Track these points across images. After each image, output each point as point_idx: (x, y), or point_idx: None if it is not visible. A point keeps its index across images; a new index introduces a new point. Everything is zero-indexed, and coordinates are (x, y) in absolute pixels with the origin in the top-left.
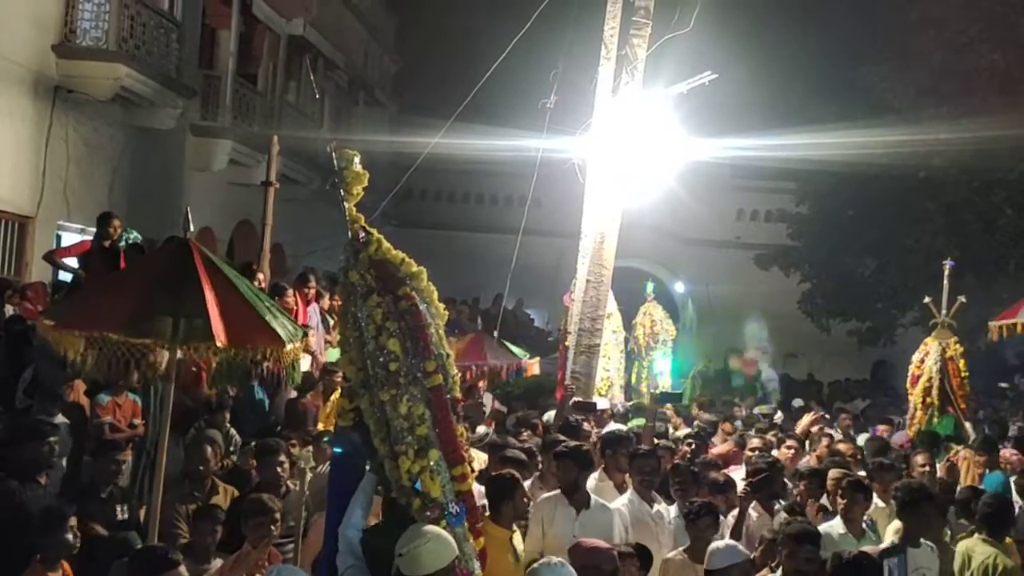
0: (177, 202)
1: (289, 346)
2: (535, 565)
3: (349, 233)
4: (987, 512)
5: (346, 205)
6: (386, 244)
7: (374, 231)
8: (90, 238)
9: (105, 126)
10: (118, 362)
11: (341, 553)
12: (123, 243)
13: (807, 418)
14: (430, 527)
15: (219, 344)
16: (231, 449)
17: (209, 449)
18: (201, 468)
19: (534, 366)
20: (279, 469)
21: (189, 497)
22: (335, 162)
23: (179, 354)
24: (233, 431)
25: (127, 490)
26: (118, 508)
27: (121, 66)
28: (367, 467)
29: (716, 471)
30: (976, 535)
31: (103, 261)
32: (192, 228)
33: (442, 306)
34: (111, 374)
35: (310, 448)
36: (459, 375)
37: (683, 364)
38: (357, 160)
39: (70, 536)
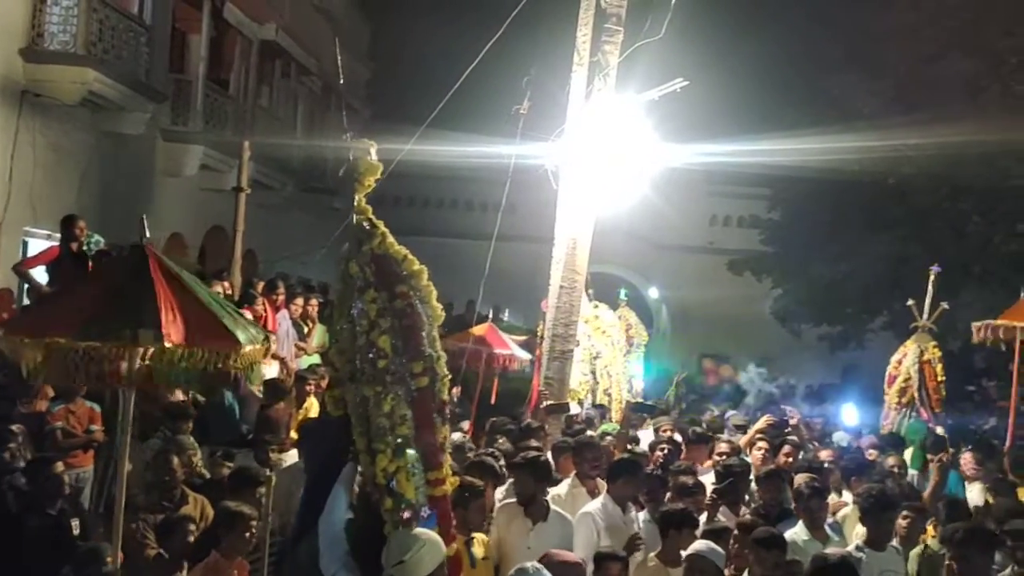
0: (147, 208)
1: (248, 348)
2: (512, 571)
3: (357, 221)
4: (947, 515)
5: (355, 196)
6: (391, 239)
7: (380, 224)
8: (58, 244)
9: (73, 131)
10: (74, 368)
11: (324, 554)
12: (88, 247)
13: (761, 422)
14: (418, 531)
15: (168, 344)
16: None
17: (176, 458)
18: (167, 478)
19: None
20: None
21: (157, 507)
22: (353, 151)
23: (138, 361)
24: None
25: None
26: (72, 523)
27: (90, 70)
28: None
29: (689, 476)
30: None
31: (72, 267)
32: (148, 235)
33: (439, 307)
34: (66, 380)
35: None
36: (449, 377)
37: (657, 368)
38: (374, 151)
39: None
